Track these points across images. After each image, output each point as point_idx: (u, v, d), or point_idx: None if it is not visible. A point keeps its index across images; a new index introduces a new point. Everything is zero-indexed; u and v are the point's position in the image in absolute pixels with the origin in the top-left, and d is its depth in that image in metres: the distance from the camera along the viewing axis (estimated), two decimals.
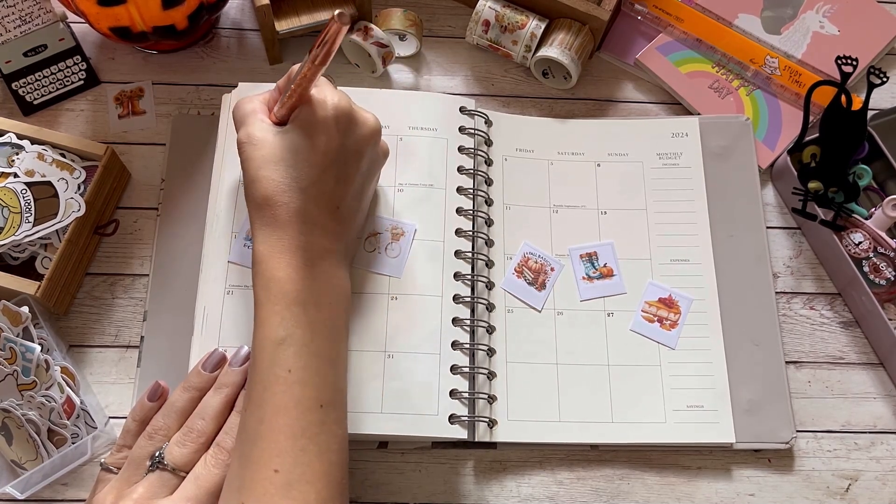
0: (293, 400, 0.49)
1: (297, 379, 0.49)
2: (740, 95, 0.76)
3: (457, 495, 0.62)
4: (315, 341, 0.51)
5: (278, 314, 0.50)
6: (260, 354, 0.50)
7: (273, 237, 0.51)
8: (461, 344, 0.62)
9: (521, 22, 0.73)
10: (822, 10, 0.79)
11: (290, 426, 0.48)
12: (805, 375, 0.68)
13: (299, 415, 0.48)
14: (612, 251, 0.69)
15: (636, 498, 0.63)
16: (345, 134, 0.54)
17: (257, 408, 0.49)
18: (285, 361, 0.49)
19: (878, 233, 0.68)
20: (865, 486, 0.65)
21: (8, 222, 0.62)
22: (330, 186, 0.54)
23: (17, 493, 0.58)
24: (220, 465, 0.51)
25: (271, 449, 0.47)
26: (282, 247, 0.51)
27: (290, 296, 0.50)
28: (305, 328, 0.50)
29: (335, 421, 0.51)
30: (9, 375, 0.60)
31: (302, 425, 0.48)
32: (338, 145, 0.54)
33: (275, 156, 0.52)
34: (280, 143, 0.52)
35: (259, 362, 0.50)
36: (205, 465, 0.51)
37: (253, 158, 0.52)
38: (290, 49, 0.76)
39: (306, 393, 0.49)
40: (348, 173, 0.55)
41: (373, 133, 0.57)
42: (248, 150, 0.53)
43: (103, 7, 0.63)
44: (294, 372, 0.49)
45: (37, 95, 0.72)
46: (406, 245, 0.64)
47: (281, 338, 0.50)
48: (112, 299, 0.67)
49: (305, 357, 0.50)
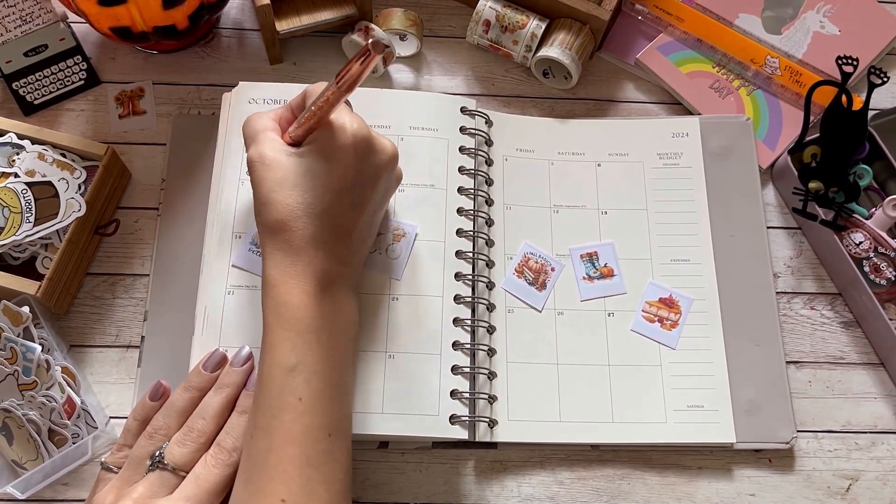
0: (302, 429, 0.48)
1: (308, 408, 0.49)
2: (741, 95, 0.76)
3: (457, 495, 0.62)
4: (325, 369, 0.50)
5: (289, 340, 0.49)
6: (269, 381, 0.49)
7: (286, 262, 0.50)
8: (462, 344, 0.62)
9: (521, 22, 0.73)
10: (823, 10, 0.79)
11: (298, 456, 0.47)
12: (805, 375, 0.68)
13: (308, 444, 0.48)
14: (612, 251, 0.69)
15: (637, 498, 0.63)
16: (362, 161, 0.53)
17: (265, 435, 0.48)
18: (296, 389, 0.49)
19: (878, 233, 0.68)
20: (866, 486, 0.65)
21: (8, 222, 0.62)
22: (344, 213, 0.53)
23: (18, 493, 0.58)
24: (220, 465, 0.50)
25: (278, 477, 0.47)
26: (294, 272, 0.50)
27: (302, 322, 0.50)
28: (317, 355, 0.50)
29: (341, 449, 0.50)
30: (9, 375, 0.60)
31: (309, 455, 0.48)
32: (355, 172, 0.53)
33: (289, 179, 0.50)
34: (295, 167, 0.51)
35: (268, 389, 0.49)
36: (205, 464, 0.51)
37: (266, 179, 0.51)
38: (290, 49, 0.76)
39: (315, 422, 0.49)
40: (363, 200, 0.54)
41: (390, 160, 0.56)
42: (260, 170, 0.51)
43: (104, 7, 0.63)
44: (304, 400, 0.49)
45: (37, 95, 0.72)
46: (407, 246, 0.64)
47: (292, 365, 0.49)
48: (113, 299, 0.67)
49: (316, 385, 0.49)
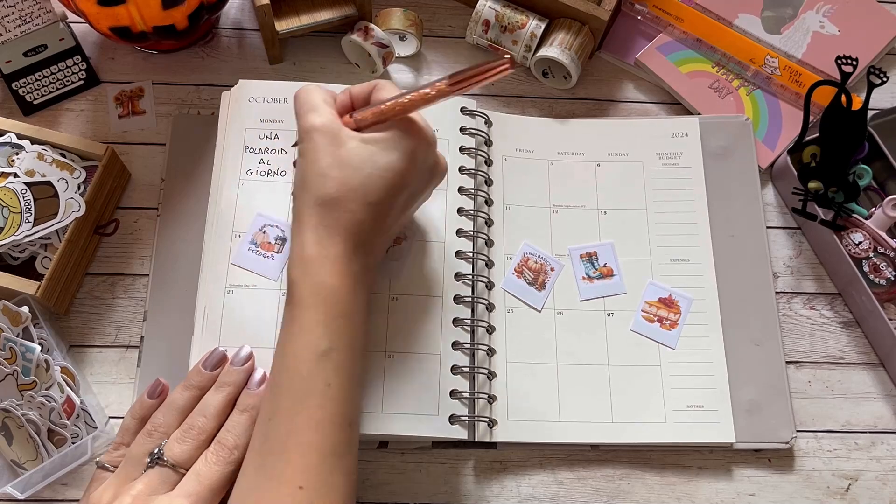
0: (328, 416, 0.47)
1: (335, 395, 0.48)
2: (740, 95, 0.76)
3: (457, 495, 0.62)
4: (353, 357, 0.50)
5: (324, 324, 0.48)
6: (297, 363, 0.48)
7: (329, 241, 0.50)
8: (461, 344, 0.62)
9: (521, 22, 0.73)
10: (823, 10, 0.79)
11: (322, 443, 0.46)
12: (805, 375, 0.68)
13: (332, 432, 0.47)
14: (612, 251, 0.69)
15: (636, 498, 0.63)
16: (423, 167, 0.53)
17: (287, 419, 0.47)
18: (325, 374, 0.48)
19: (878, 233, 0.68)
20: (866, 485, 0.65)
21: (8, 222, 0.62)
22: (391, 209, 0.52)
23: (18, 493, 0.58)
24: (221, 462, 0.50)
25: (299, 464, 0.45)
26: (336, 253, 0.50)
27: (338, 306, 0.49)
28: (347, 343, 0.49)
29: (357, 442, 0.50)
30: (9, 375, 0.60)
31: (333, 443, 0.47)
32: (415, 174, 0.53)
33: (354, 160, 0.50)
34: (361, 150, 0.50)
35: (295, 372, 0.48)
36: (206, 461, 0.50)
37: (327, 153, 0.50)
38: (290, 49, 0.76)
39: (340, 410, 0.48)
40: (410, 202, 0.55)
41: (442, 172, 0.57)
42: (322, 140, 0.50)
43: (103, 7, 0.63)
44: (333, 387, 0.48)
45: (37, 95, 0.72)
46: (407, 250, 0.64)
47: (324, 350, 0.48)
48: (112, 299, 0.67)
49: (345, 372, 0.49)
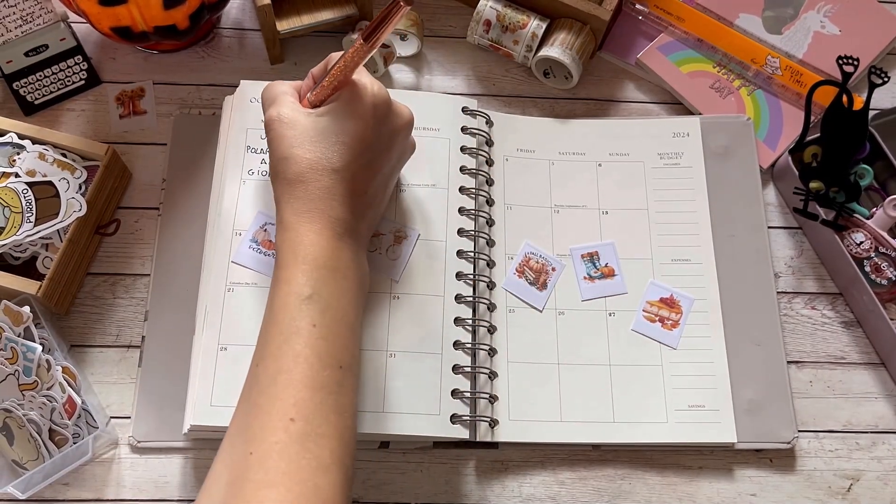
0: (315, 353, 0.48)
1: (321, 335, 0.49)
2: (741, 95, 0.76)
3: (458, 495, 0.62)
4: (339, 304, 0.51)
5: (305, 273, 0.50)
6: (282, 310, 0.50)
7: (302, 209, 0.52)
8: (463, 344, 0.62)
9: (522, 22, 0.73)
10: (824, 10, 0.79)
11: (311, 378, 0.47)
12: (806, 375, 0.68)
13: (321, 368, 0.48)
14: (613, 251, 0.69)
15: (638, 498, 0.63)
16: (380, 123, 0.55)
17: (274, 360, 0.48)
18: (310, 316, 0.49)
19: (879, 232, 0.68)
20: (867, 485, 0.65)
21: (9, 222, 0.62)
22: (360, 171, 0.54)
23: (19, 493, 0.58)
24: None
25: (288, 398, 0.46)
26: (310, 217, 0.52)
27: (319, 260, 0.51)
28: (332, 290, 0.51)
29: (351, 388, 0.50)
30: (10, 375, 0.60)
31: (322, 379, 0.47)
32: (373, 133, 0.55)
33: (308, 136, 0.53)
34: (314, 125, 0.53)
35: (280, 317, 0.49)
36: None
37: (285, 137, 0.53)
38: (291, 49, 0.76)
39: (328, 349, 0.49)
40: (379, 161, 0.56)
41: (406, 125, 0.58)
42: (279, 128, 0.53)
43: (104, 7, 0.63)
44: (318, 328, 0.49)
45: (38, 95, 0.72)
46: (407, 249, 0.64)
47: (307, 294, 0.49)
48: (113, 299, 0.66)
49: (330, 316, 0.50)
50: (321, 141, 0.53)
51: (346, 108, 0.54)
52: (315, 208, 0.52)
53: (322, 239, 0.52)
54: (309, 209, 0.52)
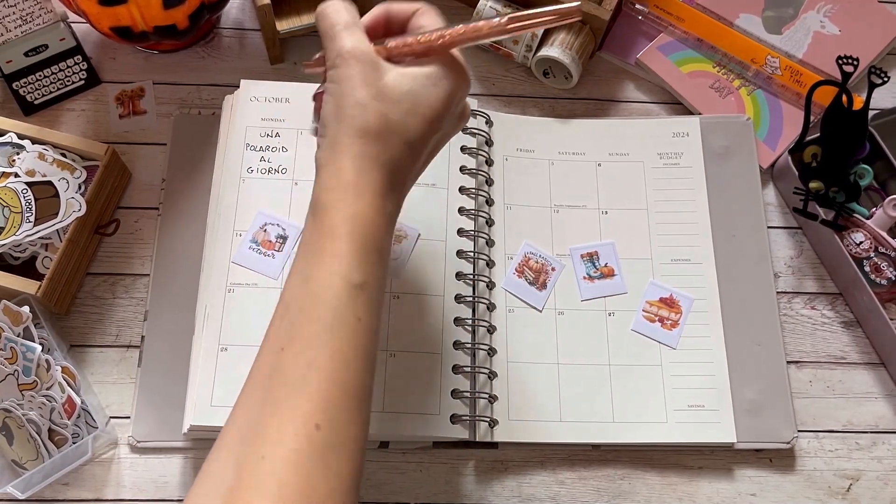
0: (354, 353, 0.43)
1: (364, 331, 0.44)
2: (741, 95, 0.76)
3: (458, 495, 0.62)
4: (380, 293, 0.46)
5: (359, 255, 0.44)
6: (327, 290, 0.43)
7: (370, 174, 0.45)
8: (462, 343, 0.62)
9: None
10: (823, 10, 0.79)
11: (347, 381, 0.42)
12: (806, 375, 0.68)
13: (358, 370, 0.43)
14: (612, 251, 0.69)
15: (637, 498, 0.63)
16: (454, 111, 0.49)
17: (310, 348, 0.42)
18: (357, 308, 0.43)
19: (879, 232, 0.68)
20: (867, 485, 0.65)
21: (9, 222, 0.62)
22: (423, 150, 0.48)
23: (18, 493, 0.58)
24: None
25: (319, 400, 0.41)
26: (375, 187, 0.45)
27: (374, 240, 0.45)
28: (379, 278, 0.45)
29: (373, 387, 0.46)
30: (9, 375, 0.60)
31: (357, 383, 0.42)
32: (448, 118, 0.48)
33: (395, 93, 0.45)
34: (404, 84, 0.46)
35: (323, 301, 0.43)
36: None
37: (367, 83, 0.45)
38: (290, 49, 0.76)
39: (369, 350, 0.44)
40: (437, 148, 0.51)
41: (465, 121, 0.53)
42: (359, 68, 0.45)
43: (104, 7, 0.63)
44: (363, 322, 0.44)
45: (37, 95, 0.72)
46: (408, 249, 0.63)
47: (359, 283, 0.44)
48: (113, 299, 0.66)
49: (374, 308, 0.45)
50: (404, 104, 0.45)
51: (440, 81, 0.46)
52: (380, 178, 0.45)
53: (381, 216, 0.45)
54: (375, 177, 0.45)
